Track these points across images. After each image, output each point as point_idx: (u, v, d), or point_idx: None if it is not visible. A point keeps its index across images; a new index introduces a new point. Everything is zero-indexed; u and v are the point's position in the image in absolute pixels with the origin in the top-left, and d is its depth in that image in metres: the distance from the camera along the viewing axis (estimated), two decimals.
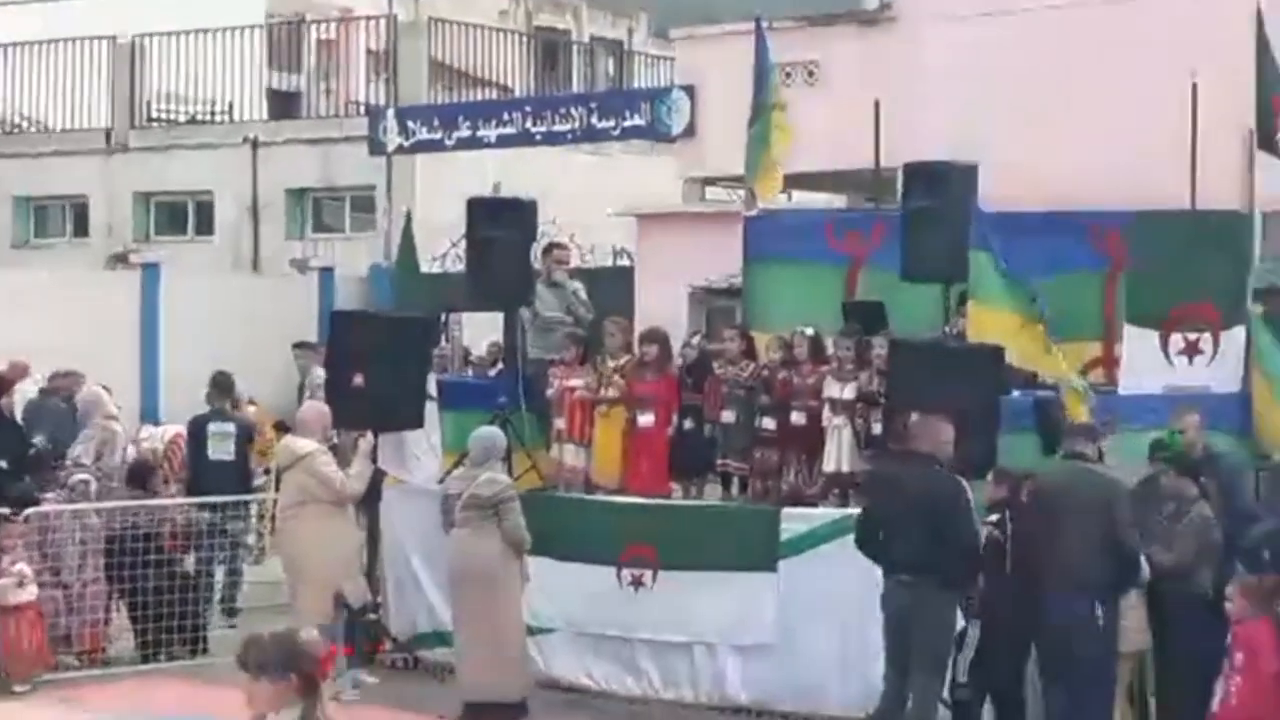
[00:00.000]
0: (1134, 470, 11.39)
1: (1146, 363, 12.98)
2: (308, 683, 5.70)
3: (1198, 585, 10.78)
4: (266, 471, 17.14)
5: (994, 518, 10.86)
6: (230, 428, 15.22)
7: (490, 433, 12.40)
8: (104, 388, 15.73)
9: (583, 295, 14.92)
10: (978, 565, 10.60)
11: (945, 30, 18.24)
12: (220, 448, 15.09)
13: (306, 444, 12.55)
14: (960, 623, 10.71)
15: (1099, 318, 13.67)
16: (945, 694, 10.72)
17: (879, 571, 10.67)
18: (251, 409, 17.52)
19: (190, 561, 13.99)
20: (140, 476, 14.27)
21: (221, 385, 15.48)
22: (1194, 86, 15.20)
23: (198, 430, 15.32)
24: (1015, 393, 12.34)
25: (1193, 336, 12.77)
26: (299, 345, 18.42)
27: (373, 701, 12.54)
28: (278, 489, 13.33)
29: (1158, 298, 12.96)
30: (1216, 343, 12.65)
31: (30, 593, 12.77)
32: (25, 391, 16.23)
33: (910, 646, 10.47)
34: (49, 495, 13.76)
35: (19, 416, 15.31)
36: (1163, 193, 14.36)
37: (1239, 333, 12.46)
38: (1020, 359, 12.12)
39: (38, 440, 14.95)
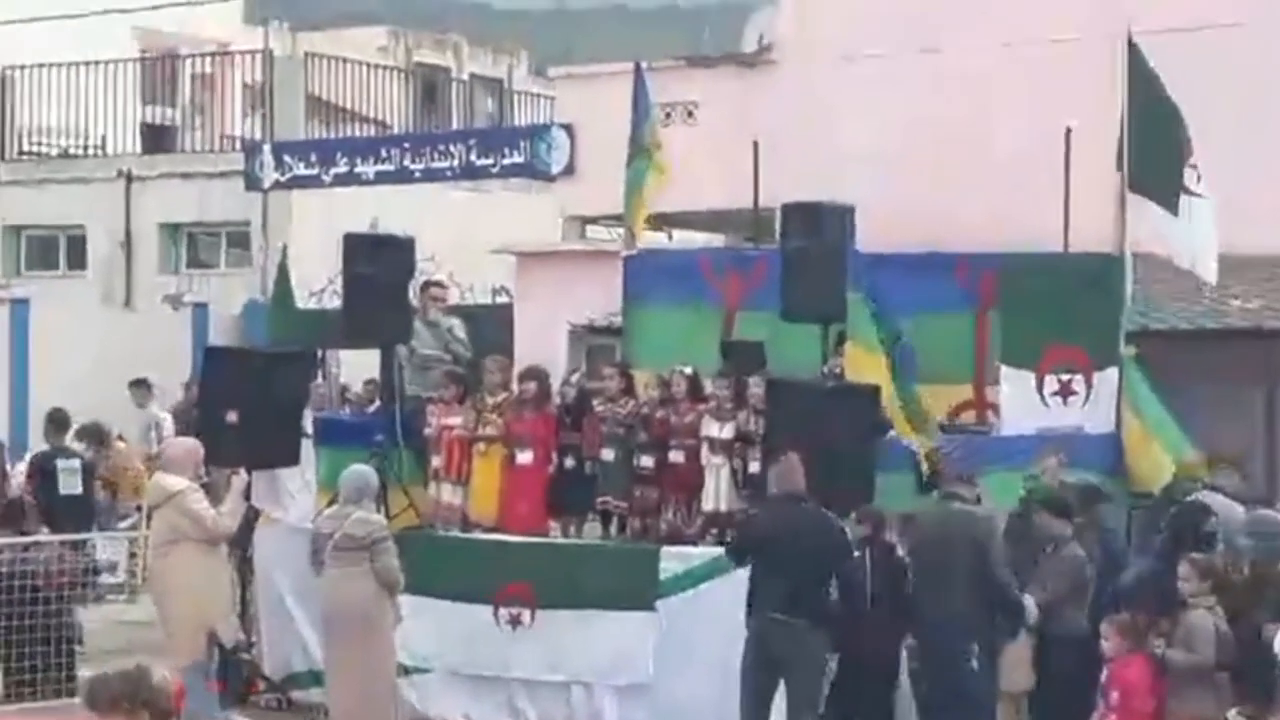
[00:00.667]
0: (1005, 511, 11.52)
1: (1022, 404, 13.12)
2: (159, 717, 5.62)
3: (1072, 623, 10.90)
4: (138, 509, 16.96)
5: (855, 554, 10.97)
6: (76, 463, 15.20)
7: (362, 471, 12.28)
8: None
9: (460, 333, 14.88)
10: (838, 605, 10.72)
11: (824, 72, 18.39)
12: (69, 483, 14.97)
13: (177, 481, 12.36)
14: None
15: (970, 359, 13.80)
16: None
17: None
18: (121, 445, 17.29)
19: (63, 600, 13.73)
20: (13, 518, 13.98)
21: (58, 421, 15.52)
22: (1067, 131, 15.42)
23: (46, 465, 15.19)
24: (891, 433, 12.42)
25: (1066, 378, 12.93)
26: (134, 383, 18.34)
27: None
28: (149, 526, 13.13)
29: (1031, 339, 13.11)
30: (1089, 384, 12.81)
31: None
32: None
33: (781, 687, 10.51)
34: None
35: None
36: (1037, 235, 14.53)
37: (1112, 374, 12.63)
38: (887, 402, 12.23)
39: None
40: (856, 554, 11.03)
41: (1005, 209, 15.90)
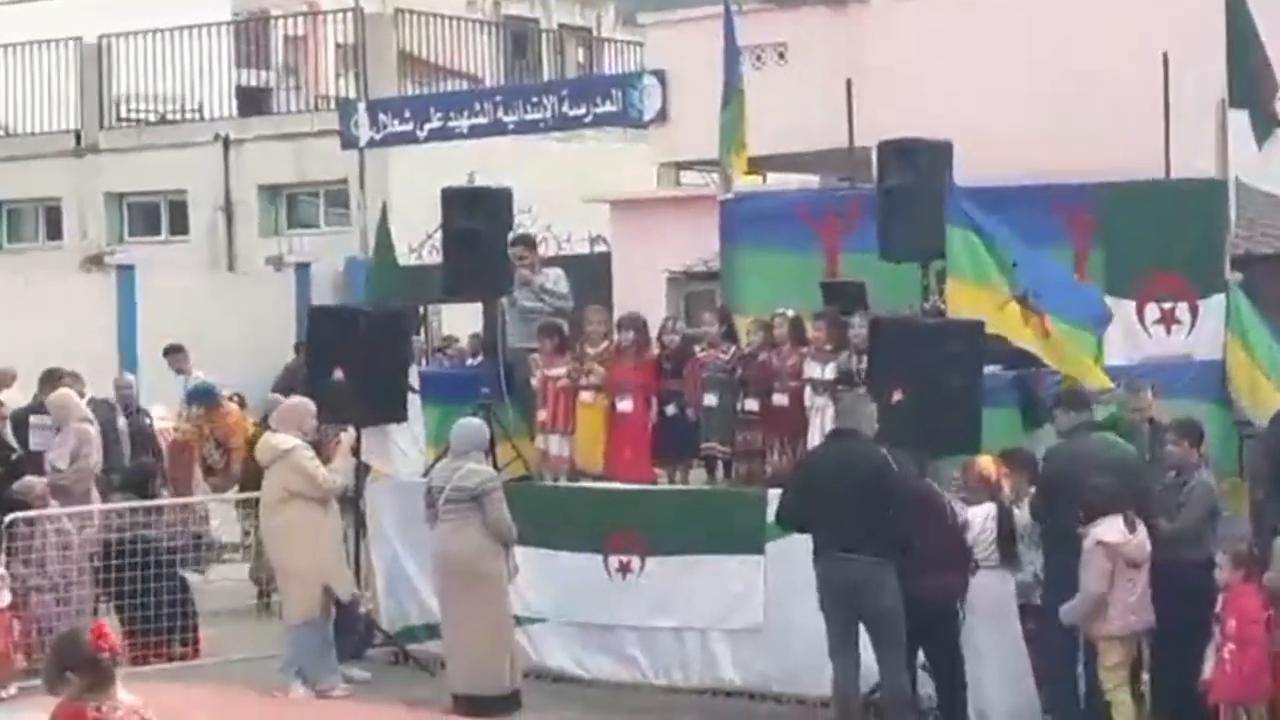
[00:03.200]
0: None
1: (1123, 333, 13.02)
2: (90, 673, 5.71)
3: (1202, 553, 10.72)
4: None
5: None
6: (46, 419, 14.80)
7: (472, 423, 12.39)
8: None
9: (560, 285, 14.85)
10: (908, 539, 10.61)
11: (916, 7, 18.24)
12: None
13: (288, 440, 12.53)
14: None
15: None
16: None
17: None
18: (233, 406, 17.54)
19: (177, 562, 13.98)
20: (140, 481, 14.16)
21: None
22: (1165, 56, 15.23)
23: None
24: (995, 368, 12.36)
25: (1168, 306, 12.82)
26: (169, 349, 18.46)
27: (364, 697, 12.55)
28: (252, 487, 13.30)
29: (1132, 267, 13.00)
30: (1194, 312, 12.69)
31: (3, 598, 12.68)
32: (13, 399, 16.16)
33: (862, 622, 10.53)
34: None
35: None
36: (1137, 164, 14.38)
37: (1216, 301, 12.49)
38: (1000, 333, 12.12)
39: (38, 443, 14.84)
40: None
41: (1103, 137, 15.76)
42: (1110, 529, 10.54)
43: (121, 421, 15.73)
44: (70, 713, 5.71)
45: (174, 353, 18.46)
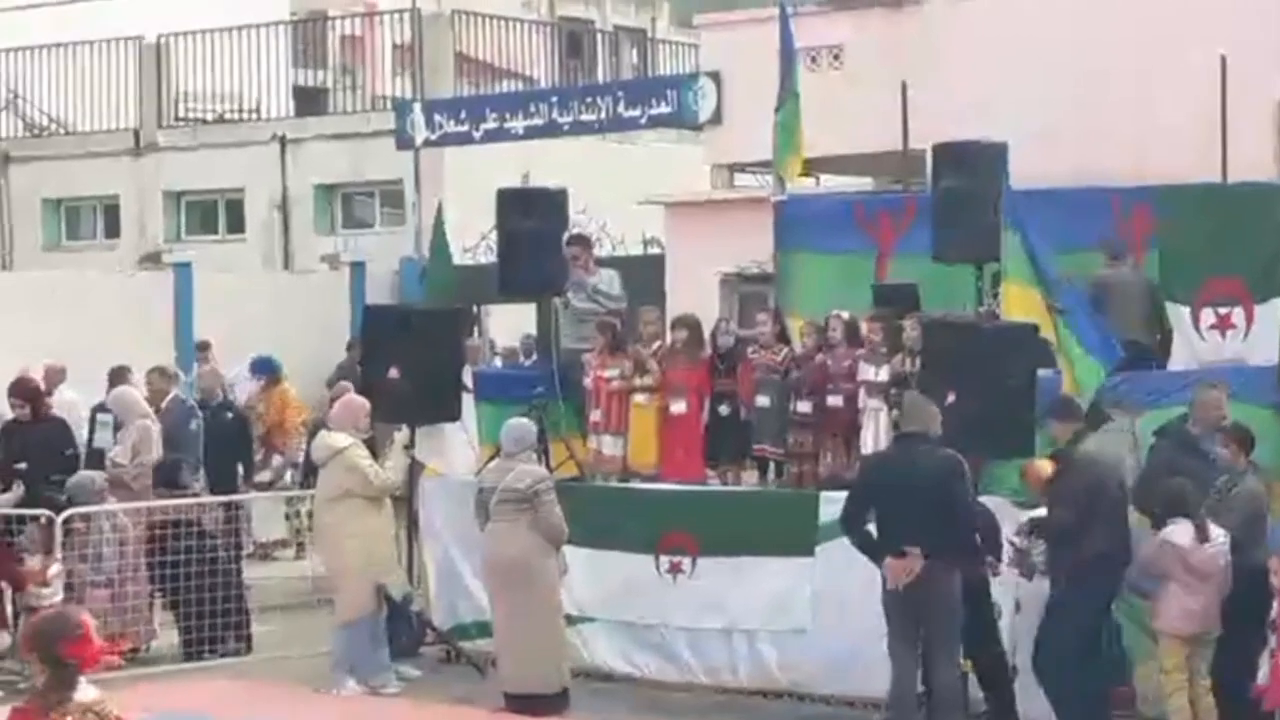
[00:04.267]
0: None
1: (1179, 339, 12.96)
2: (54, 666, 5.72)
3: (1249, 558, 10.68)
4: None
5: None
6: (109, 418, 15.05)
7: (522, 424, 12.43)
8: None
9: (614, 287, 14.85)
10: (974, 541, 10.64)
11: (970, 10, 18.19)
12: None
13: (342, 438, 12.61)
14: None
15: None
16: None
17: None
18: (287, 386, 17.83)
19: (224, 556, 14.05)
20: (170, 474, 14.29)
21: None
22: (1222, 59, 15.15)
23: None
24: (1048, 371, 12.31)
25: (1224, 311, 12.76)
26: (199, 345, 18.76)
27: (416, 694, 12.61)
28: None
29: (1189, 272, 12.94)
30: (1250, 317, 12.62)
31: (56, 594, 12.79)
32: (64, 393, 16.32)
33: (920, 624, 10.54)
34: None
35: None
36: (1193, 167, 14.31)
37: (1274, 305, 12.41)
38: (1048, 337, 12.09)
39: (102, 440, 14.97)
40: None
41: (1160, 140, 15.67)
42: (1181, 531, 10.53)
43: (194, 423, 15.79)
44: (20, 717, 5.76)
45: (201, 349, 18.74)
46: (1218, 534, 10.56)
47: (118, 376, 15.57)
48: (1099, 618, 10.83)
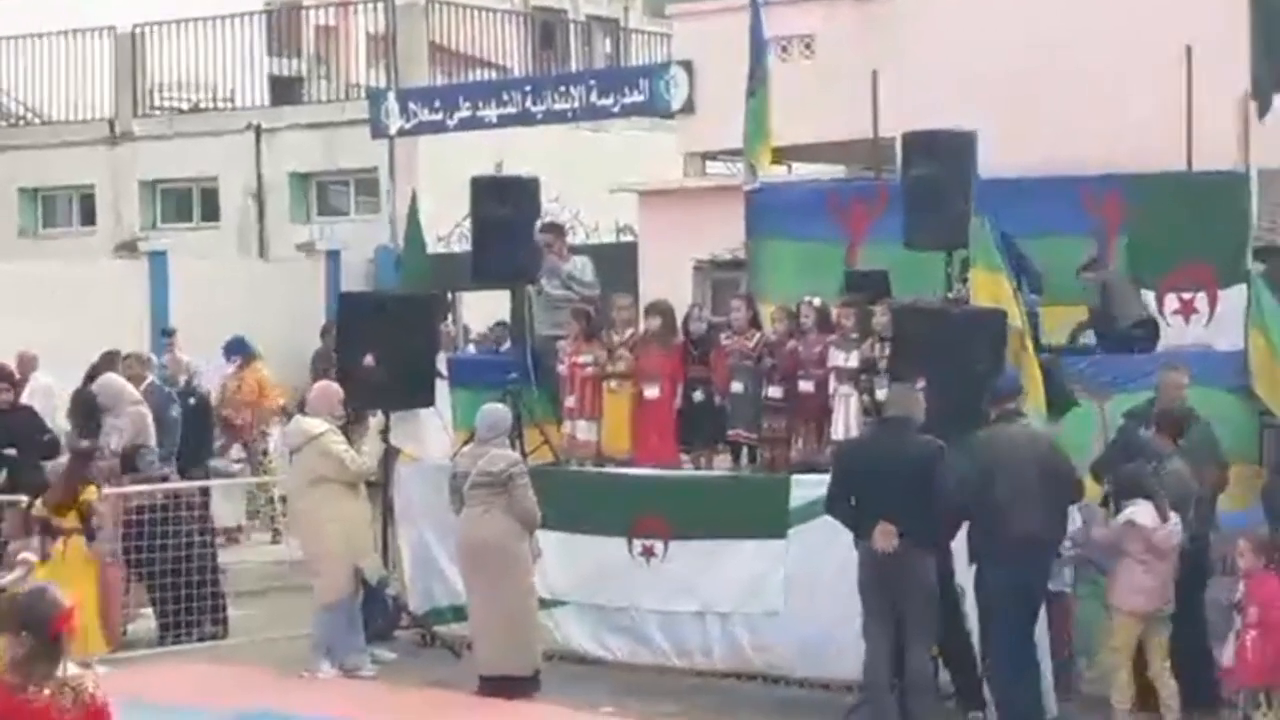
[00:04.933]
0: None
1: None
2: (41, 640, 5.79)
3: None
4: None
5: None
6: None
7: (497, 409, 12.54)
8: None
9: (587, 273, 14.98)
10: (953, 526, 10.75)
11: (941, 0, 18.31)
12: None
13: (317, 424, 12.70)
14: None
15: None
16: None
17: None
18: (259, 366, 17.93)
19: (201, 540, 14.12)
20: (134, 461, 14.37)
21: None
22: (1188, 49, 15.30)
23: None
24: None
25: (1187, 296, 12.90)
26: (164, 332, 18.85)
27: (393, 677, 12.71)
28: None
29: (1156, 258, 13.08)
30: (1213, 302, 12.76)
31: (26, 577, 12.81)
32: (38, 380, 16.39)
33: (895, 606, 10.66)
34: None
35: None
36: (1159, 156, 14.46)
37: (1238, 291, 12.57)
38: (1015, 324, 12.21)
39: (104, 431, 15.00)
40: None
41: (1127, 130, 15.81)
42: (1144, 512, 10.69)
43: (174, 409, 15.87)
44: None
45: (167, 336, 18.82)
46: (1174, 515, 10.74)
47: (106, 363, 15.62)
48: (1021, 601, 10.77)
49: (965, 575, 11.05)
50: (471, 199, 14.70)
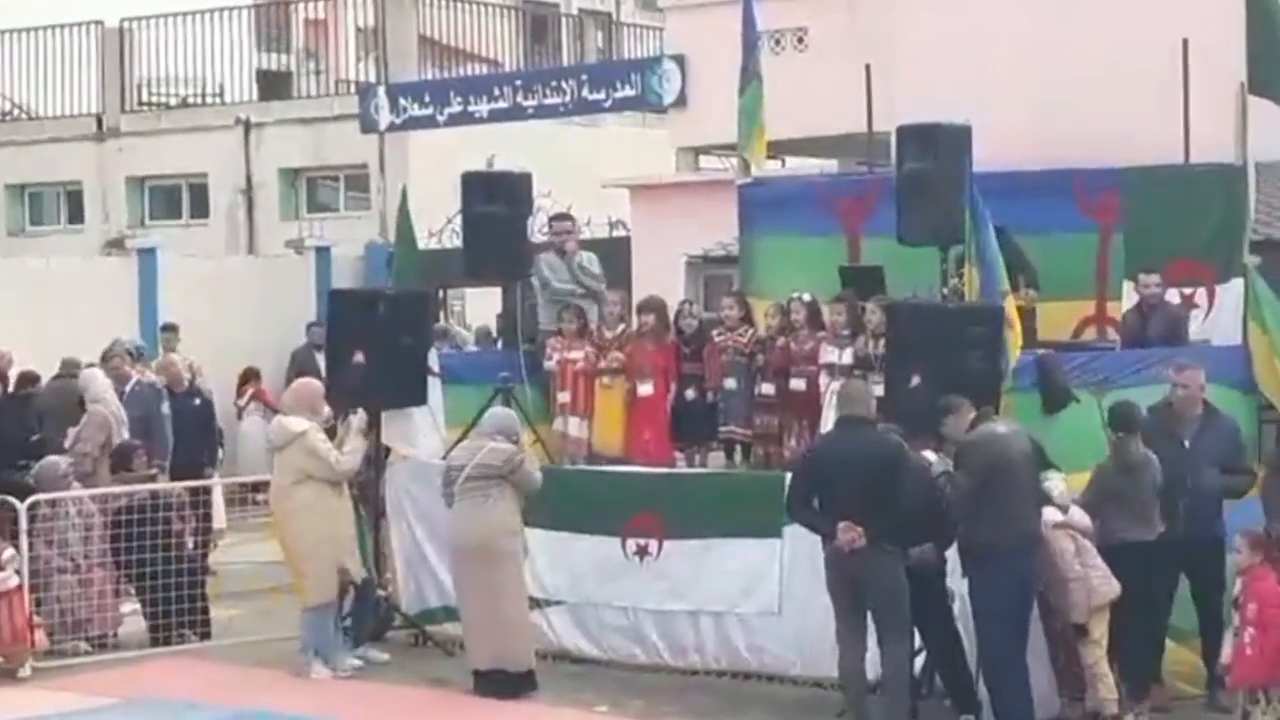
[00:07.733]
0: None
1: None
2: None
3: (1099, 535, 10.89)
4: None
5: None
6: None
7: (509, 413, 12.44)
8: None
9: (593, 267, 14.89)
10: (929, 523, 10.66)
11: None
12: None
13: (300, 423, 12.56)
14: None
15: (1091, 275, 13.72)
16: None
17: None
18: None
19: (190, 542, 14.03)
20: (123, 457, 14.27)
21: None
22: (1184, 42, 15.21)
23: None
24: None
25: (1188, 291, 12.81)
26: (164, 328, 18.72)
27: (390, 677, 12.62)
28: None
29: (1154, 253, 13.00)
30: (1212, 296, 12.68)
31: (10, 579, 12.74)
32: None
33: (865, 606, 10.61)
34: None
35: None
36: (1156, 148, 14.38)
37: (1235, 285, 12.50)
38: (1012, 318, 12.12)
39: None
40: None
41: (1123, 123, 15.72)
42: (1052, 513, 10.71)
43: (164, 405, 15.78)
44: None
45: (166, 331, 18.69)
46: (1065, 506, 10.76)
47: (66, 369, 15.58)
48: (1016, 601, 10.69)
49: (955, 577, 10.96)
50: (462, 195, 14.62)
